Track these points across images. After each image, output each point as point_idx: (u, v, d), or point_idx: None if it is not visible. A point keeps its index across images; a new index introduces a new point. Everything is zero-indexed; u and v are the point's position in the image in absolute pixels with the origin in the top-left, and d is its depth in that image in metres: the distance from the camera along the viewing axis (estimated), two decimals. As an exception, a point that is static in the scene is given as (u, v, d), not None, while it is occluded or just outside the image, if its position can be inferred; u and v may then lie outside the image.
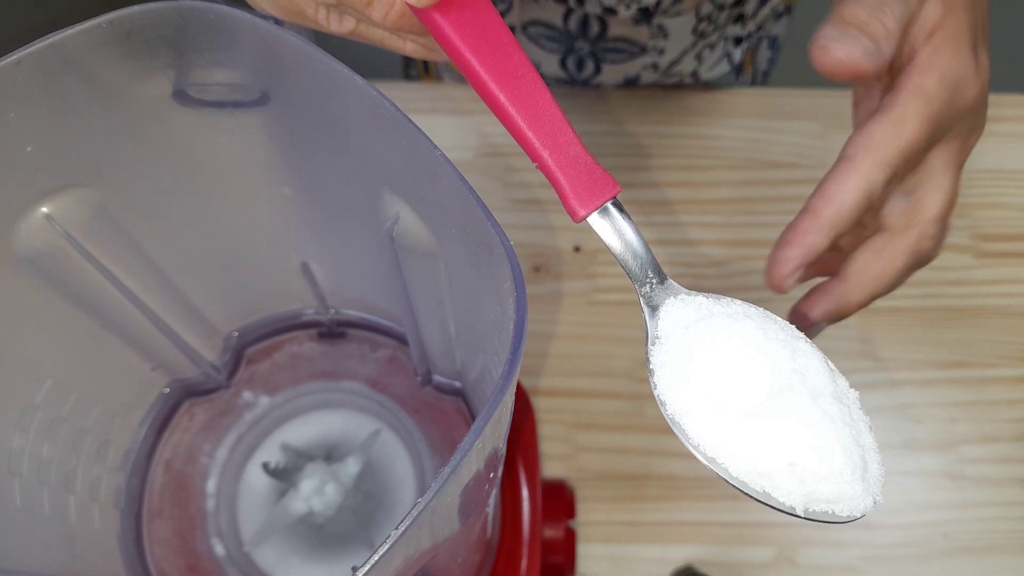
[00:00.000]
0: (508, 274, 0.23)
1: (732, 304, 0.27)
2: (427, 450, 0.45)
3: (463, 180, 0.25)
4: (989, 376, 0.55)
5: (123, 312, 0.38)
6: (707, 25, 0.60)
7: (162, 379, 0.44)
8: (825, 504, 0.25)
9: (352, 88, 0.27)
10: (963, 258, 0.58)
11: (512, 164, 0.60)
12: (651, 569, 0.50)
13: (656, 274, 0.28)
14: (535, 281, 0.57)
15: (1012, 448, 0.53)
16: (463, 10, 0.25)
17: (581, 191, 0.26)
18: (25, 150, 0.29)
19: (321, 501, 0.43)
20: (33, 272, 0.33)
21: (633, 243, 0.27)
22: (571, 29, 0.60)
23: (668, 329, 0.27)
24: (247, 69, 0.30)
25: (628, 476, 0.52)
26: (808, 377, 0.26)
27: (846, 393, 0.26)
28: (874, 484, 0.25)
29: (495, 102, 0.26)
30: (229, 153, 0.35)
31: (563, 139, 0.26)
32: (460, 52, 0.25)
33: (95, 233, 0.34)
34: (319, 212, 0.39)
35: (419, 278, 0.35)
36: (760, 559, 0.51)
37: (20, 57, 0.26)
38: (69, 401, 0.38)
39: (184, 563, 0.42)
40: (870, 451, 0.25)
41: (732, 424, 0.25)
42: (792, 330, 0.27)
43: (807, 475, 0.24)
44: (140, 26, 0.28)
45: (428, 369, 0.45)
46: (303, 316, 0.47)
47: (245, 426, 0.46)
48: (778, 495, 0.25)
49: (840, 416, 0.25)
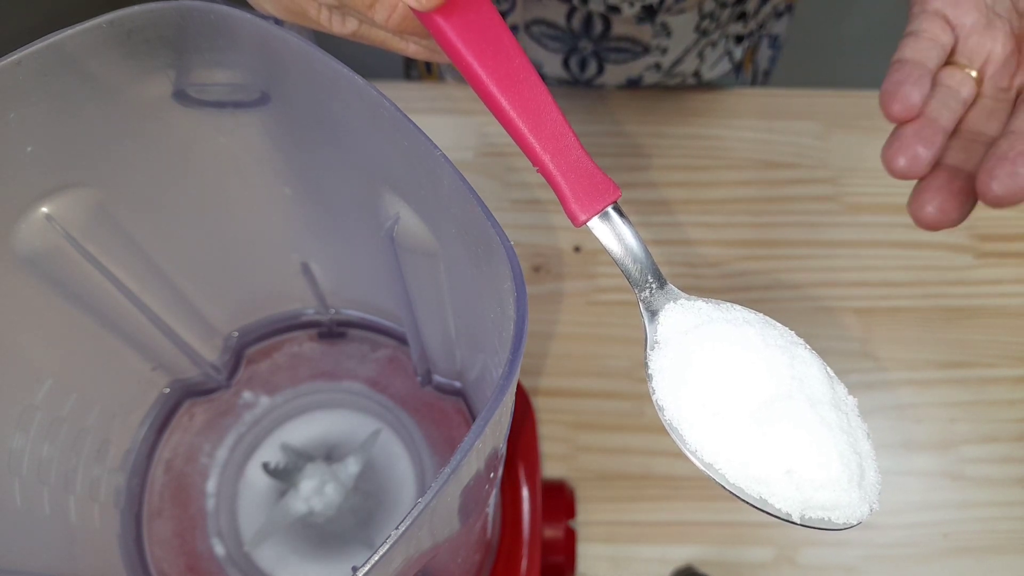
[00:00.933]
0: (508, 274, 0.23)
1: (732, 310, 0.27)
2: (427, 450, 0.45)
3: (463, 180, 0.25)
4: (989, 376, 0.55)
5: (123, 312, 0.38)
6: (710, 23, 0.60)
7: (162, 379, 0.44)
8: (821, 511, 0.25)
9: (352, 88, 0.27)
10: (963, 258, 0.58)
11: (512, 164, 0.60)
12: (651, 569, 0.50)
13: (656, 279, 0.28)
14: (535, 281, 0.57)
15: (1012, 448, 0.53)
16: (465, 13, 0.25)
17: (582, 195, 0.26)
18: (25, 150, 0.29)
19: (321, 501, 0.43)
20: (33, 272, 0.33)
21: (633, 248, 0.27)
22: (574, 28, 0.60)
23: (667, 334, 0.27)
24: (247, 69, 0.30)
25: (628, 476, 0.52)
26: (806, 384, 0.26)
27: (844, 400, 0.26)
28: (871, 492, 0.25)
29: (496, 105, 0.26)
30: (229, 153, 0.35)
31: (564, 143, 0.26)
32: (462, 55, 0.25)
33: (95, 233, 0.34)
34: (319, 212, 0.39)
35: (419, 278, 0.35)
36: (760, 559, 0.51)
37: (20, 57, 0.26)
38: (69, 401, 0.38)
39: (184, 563, 0.42)
40: (867, 458, 0.25)
41: (730, 430, 0.25)
42: (791, 336, 0.27)
43: (804, 482, 0.24)
44: (140, 26, 0.28)
45: (428, 369, 0.45)
46: (303, 316, 0.47)
47: (245, 426, 0.46)
48: (774, 501, 0.25)
49: (838, 423, 0.25)
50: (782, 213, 0.59)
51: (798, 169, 0.61)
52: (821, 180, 0.61)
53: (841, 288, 0.57)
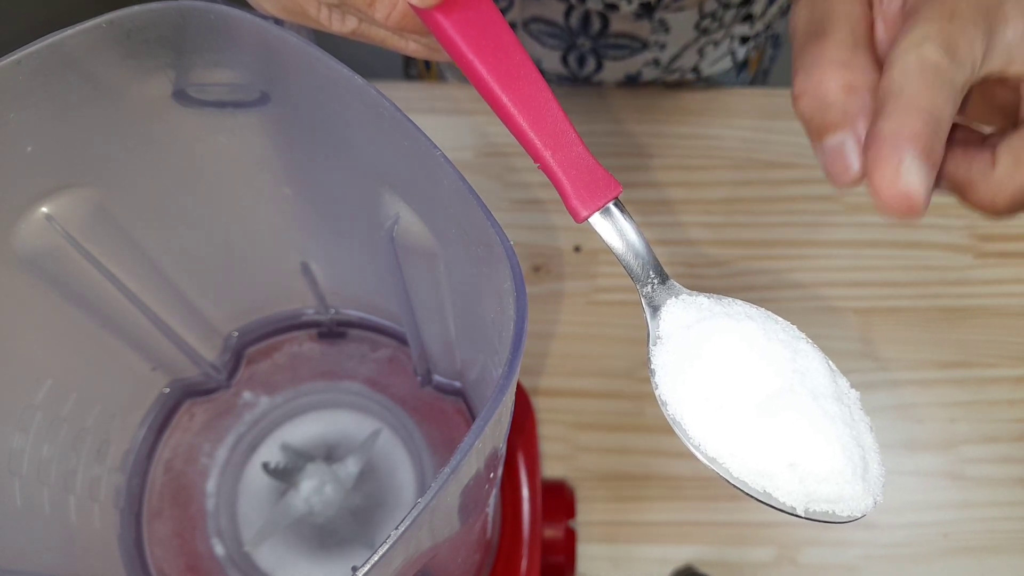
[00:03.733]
0: (508, 274, 0.23)
1: (733, 304, 0.27)
2: (427, 450, 0.45)
3: (463, 180, 0.25)
4: (989, 376, 0.55)
5: (123, 312, 0.38)
6: (711, 22, 0.60)
7: (162, 379, 0.44)
8: (825, 504, 0.25)
9: (352, 88, 0.27)
10: (963, 258, 0.58)
11: (512, 164, 0.60)
12: (651, 569, 0.50)
13: (658, 274, 0.28)
14: (535, 281, 0.57)
15: (1012, 448, 0.53)
16: (465, 10, 0.25)
17: (583, 191, 0.26)
18: (25, 150, 0.29)
19: (321, 501, 0.43)
20: (33, 272, 0.33)
21: (635, 243, 0.27)
22: (572, 26, 0.60)
23: (669, 329, 0.27)
24: (247, 69, 0.30)
25: (628, 476, 0.52)
26: (809, 377, 0.26)
27: (847, 393, 0.26)
28: (874, 484, 0.25)
29: (497, 102, 0.26)
30: (229, 153, 0.35)
31: (565, 140, 0.26)
32: (462, 52, 0.25)
33: (95, 233, 0.34)
34: (319, 212, 0.39)
35: (419, 278, 0.35)
36: (761, 559, 0.51)
37: (20, 57, 0.26)
38: (69, 401, 0.38)
39: (184, 563, 0.42)
40: (871, 451, 0.25)
41: (733, 424, 0.25)
42: (793, 330, 0.27)
43: (807, 475, 0.24)
44: (140, 26, 0.28)
45: (428, 369, 0.45)
46: (303, 316, 0.47)
47: (245, 426, 0.46)
48: (778, 495, 0.25)
49: (841, 416, 0.25)
50: (782, 213, 0.59)
51: (798, 169, 0.61)
52: (821, 180, 0.60)
53: (841, 288, 0.57)
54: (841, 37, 0.29)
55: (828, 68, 0.29)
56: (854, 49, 0.29)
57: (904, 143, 0.26)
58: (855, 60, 0.29)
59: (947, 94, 0.27)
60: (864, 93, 0.28)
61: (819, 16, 0.30)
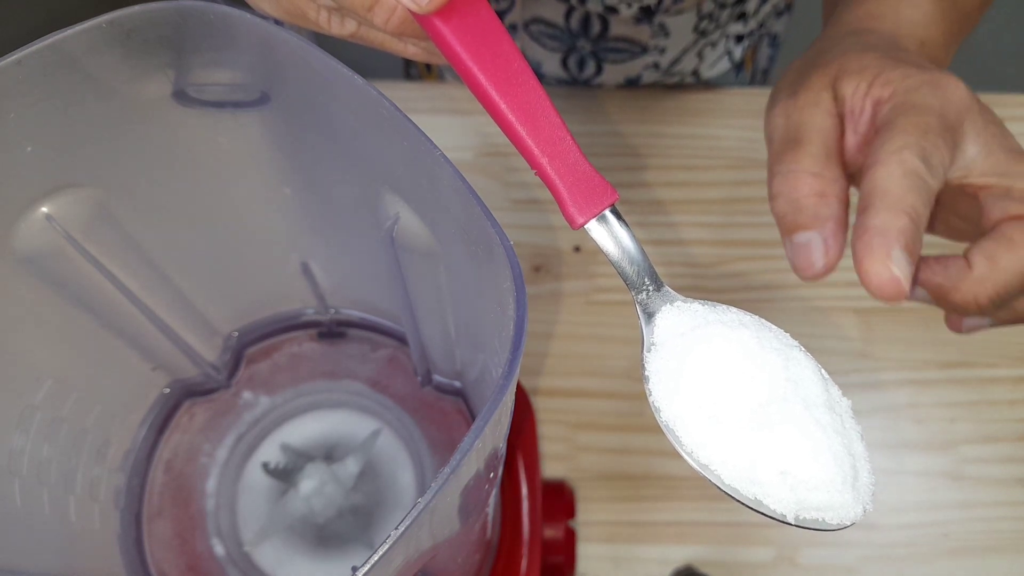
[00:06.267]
0: (508, 274, 0.23)
1: (728, 312, 0.28)
2: (427, 450, 0.45)
3: (463, 180, 0.25)
4: (990, 376, 0.55)
5: (123, 312, 0.38)
6: (709, 23, 0.60)
7: (162, 379, 0.44)
8: (816, 512, 0.25)
9: (352, 88, 0.27)
10: (963, 258, 0.58)
11: (512, 164, 0.60)
12: (651, 569, 0.50)
13: (652, 281, 0.28)
14: (535, 281, 0.57)
15: (1013, 448, 0.53)
16: (464, 16, 0.25)
17: (579, 198, 0.26)
18: (25, 150, 0.29)
19: (321, 501, 0.43)
20: (33, 272, 0.33)
21: (630, 250, 0.27)
22: (572, 28, 0.60)
23: (663, 336, 0.27)
24: (247, 69, 0.30)
25: (628, 476, 0.52)
26: (801, 386, 0.26)
27: (839, 402, 0.27)
28: (864, 493, 0.25)
29: (494, 108, 0.26)
30: (229, 153, 0.35)
31: (562, 146, 0.26)
32: (460, 58, 0.25)
33: (95, 233, 0.34)
34: (319, 212, 0.39)
35: (419, 278, 0.36)
36: (760, 559, 0.51)
37: (21, 57, 0.26)
38: (69, 401, 0.38)
39: (184, 563, 0.42)
40: (861, 460, 0.26)
41: (726, 432, 0.25)
42: (787, 338, 0.27)
43: (798, 484, 0.24)
44: (140, 26, 0.28)
45: (428, 369, 0.45)
46: (303, 316, 0.47)
47: (245, 426, 0.46)
48: (769, 502, 0.25)
49: (832, 425, 0.25)
50: (782, 213, 0.59)
51: (798, 169, 0.60)
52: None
53: (840, 288, 0.57)
54: (814, 149, 0.33)
55: (802, 176, 0.33)
56: (826, 161, 0.33)
57: (892, 238, 0.30)
58: (827, 171, 0.33)
59: (925, 197, 0.31)
60: (832, 200, 0.33)
61: (794, 126, 0.34)
